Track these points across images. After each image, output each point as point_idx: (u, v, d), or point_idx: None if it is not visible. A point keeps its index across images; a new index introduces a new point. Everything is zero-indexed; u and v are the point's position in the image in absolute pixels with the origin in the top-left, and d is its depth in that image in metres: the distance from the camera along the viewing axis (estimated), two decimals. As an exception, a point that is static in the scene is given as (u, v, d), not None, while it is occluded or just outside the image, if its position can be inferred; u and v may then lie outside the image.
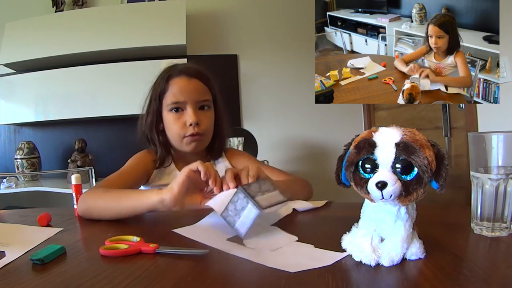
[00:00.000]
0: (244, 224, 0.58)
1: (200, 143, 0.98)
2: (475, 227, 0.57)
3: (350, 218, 0.53)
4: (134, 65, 2.43)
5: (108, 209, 0.74)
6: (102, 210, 0.75)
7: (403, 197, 0.44)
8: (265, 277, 0.44)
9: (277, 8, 2.77)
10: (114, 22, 2.45)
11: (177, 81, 0.96)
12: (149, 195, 0.69)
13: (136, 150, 1.02)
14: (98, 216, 0.75)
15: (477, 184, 0.57)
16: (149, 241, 0.54)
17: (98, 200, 0.76)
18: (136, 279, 0.44)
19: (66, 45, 2.42)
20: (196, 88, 0.96)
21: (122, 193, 0.76)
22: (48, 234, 0.65)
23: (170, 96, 0.95)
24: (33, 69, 2.51)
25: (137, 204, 0.71)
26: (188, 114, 0.94)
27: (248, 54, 2.76)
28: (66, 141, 2.61)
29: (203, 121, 0.96)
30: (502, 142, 0.54)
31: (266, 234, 0.61)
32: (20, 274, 0.46)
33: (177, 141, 0.97)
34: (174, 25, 2.41)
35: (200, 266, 0.48)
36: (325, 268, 0.45)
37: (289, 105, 2.75)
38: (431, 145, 0.45)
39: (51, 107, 2.47)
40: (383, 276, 0.43)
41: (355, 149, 0.46)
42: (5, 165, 2.64)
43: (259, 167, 0.70)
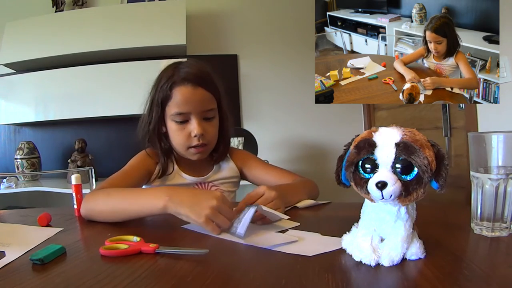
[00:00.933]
0: (243, 225, 0.58)
1: (205, 153, 0.96)
2: (475, 227, 0.57)
3: (350, 218, 0.53)
4: (134, 65, 2.43)
5: (112, 215, 0.74)
6: (107, 215, 0.74)
7: (403, 197, 0.44)
8: (265, 277, 0.44)
9: (277, 8, 2.77)
10: (114, 22, 2.45)
11: (181, 90, 0.90)
12: (152, 202, 0.69)
13: (136, 150, 1.02)
14: (102, 219, 0.75)
15: (477, 184, 0.57)
16: (149, 241, 0.54)
17: (101, 205, 0.76)
18: (136, 279, 0.44)
19: (66, 45, 2.41)
20: (201, 98, 0.91)
21: (125, 196, 0.75)
22: (48, 234, 0.65)
23: (174, 106, 0.91)
24: (33, 69, 2.51)
25: (144, 209, 0.71)
26: (192, 125, 0.91)
27: (248, 54, 2.75)
28: (66, 141, 2.61)
29: (208, 131, 0.93)
30: (502, 142, 0.54)
31: (265, 232, 0.63)
32: (20, 274, 0.46)
33: (181, 150, 0.95)
34: (174, 25, 2.41)
35: (200, 266, 0.48)
36: (325, 268, 0.45)
37: (289, 105, 2.75)
38: (431, 145, 0.45)
39: (51, 107, 2.47)
40: (383, 276, 0.43)
41: (355, 149, 0.46)
42: (5, 165, 2.64)
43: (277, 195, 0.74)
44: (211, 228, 0.62)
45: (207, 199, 0.63)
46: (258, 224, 0.67)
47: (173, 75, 0.92)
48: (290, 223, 0.67)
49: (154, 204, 0.68)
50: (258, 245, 0.55)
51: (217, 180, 1.02)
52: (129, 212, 0.72)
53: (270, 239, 0.58)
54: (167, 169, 0.97)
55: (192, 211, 0.63)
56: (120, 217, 0.73)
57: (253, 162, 1.07)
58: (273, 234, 0.61)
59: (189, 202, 0.65)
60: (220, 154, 1.02)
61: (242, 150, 1.18)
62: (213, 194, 0.65)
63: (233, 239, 0.59)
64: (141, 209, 0.71)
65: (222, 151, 1.02)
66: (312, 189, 0.96)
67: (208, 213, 0.62)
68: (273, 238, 0.59)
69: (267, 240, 0.57)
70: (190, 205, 0.64)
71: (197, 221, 0.63)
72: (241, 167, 1.06)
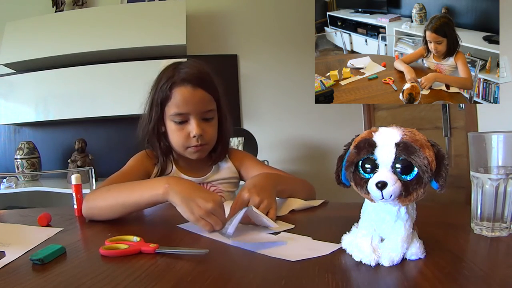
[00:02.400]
0: (233, 225, 0.59)
1: (204, 152, 0.97)
2: (475, 227, 0.57)
3: (350, 218, 0.53)
4: (134, 65, 2.43)
5: (112, 210, 0.73)
6: (107, 211, 0.74)
7: (403, 197, 0.44)
8: (265, 277, 0.44)
9: (277, 8, 2.77)
10: (114, 22, 2.45)
11: (180, 90, 0.91)
12: (152, 189, 0.69)
13: (136, 150, 1.02)
14: (103, 217, 0.75)
15: (477, 184, 0.57)
16: (149, 241, 0.54)
17: (101, 202, 0.75)
18: (136, 279, 0.44)
19: (66, 45, 2.41)
20: (200, 99, 0.92)
21: (124, 188, 0.75)
22: (48, 234, 0.65)
23: (173, 107, 0.92)
24: (33, 69, 2.51)
25: (143, 197, 0.70)
26: (191, 126, 0.92)
27: (248, 54, 2.76)
28: (66, 141, 2.61)
29: (207, 132, 0.94)
30: (502, 142, 0.54)
31: (255, 233, 0.63)
32: (20, 274, 0.46)
33: (180, 149, 0.96)
34: (174, 25, 2.41)
35: (200, 266, 0.48)
36: (325, 268, 0.45)
37: (289, 105, 2.75)
38: (431, 145, 0.45)
39: (51, 107, 2.47)
40: (383, 276, 0.43)
41: (355, 149, 0.46)
42: (5, 165, 2.64)
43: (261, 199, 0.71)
44: (203, 223, 0.62)
45: (205, 199, 0.63)
46: (250, 224, 0.66)
47: (173, 75, 0.92)
48: (284, 225, 0.66)
49: (154, 191, 0.68)
50: (243, 247, 0.54)
51: (216, 181, 1.02)
52: (128, 204, 0.72)
53: (257, 239, 0.58)
54: (166, 169, 0.98)
55: (187, 205, 0.63)
56: (120, 211, 0.73)
57: (251, 163, 1.07)
58: (262, 236, 0.61)
59: (188, 195, 0.65)
60: (218, 155, 1.02)
61: (241, 151, 1.18)
62: (212, 197, 0.64)
63: (223, 239, 0.59)
64: (140, 197, 0.70)
65: (220, 151, 1.02)
66: (309, 189, 0.97)
67: (202, 214, 0.62)
68: (260, 239, 0.59)
69: (254, 240, 0.57)
70: (188, 199, 0.64)
71: (189, 216, 0.63)
72: (239, 167, 1.06)
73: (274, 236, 0.61)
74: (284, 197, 0.86)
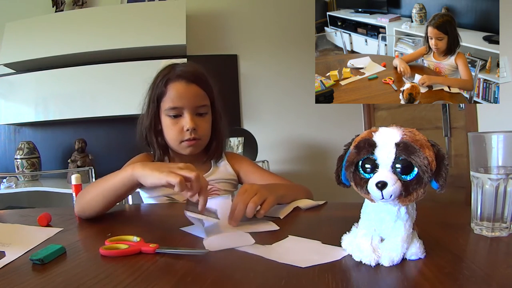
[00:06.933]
0: (217, 205, 0.62)
1: (197, 147, 0.99)
2: (475, 227, 0.57)
3: (350, 218, 0.53)
4: (134, 65, 2.43)
5: (96, 201, 0.74)
6: (92, 203, 0.74)
7: (403, 197, 0.44)
8: (265, 277, 0.44)
9: (277, 8, 2.77)
10: (114, 22, 2.45)
11: (175, 85, 0.95)
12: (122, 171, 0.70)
13: (136, 150, 1.03)
14: (92, 210, 0.75)
15: (477, 184, 0.57)
16: (149, 241, 0.54)
17: (87, 196, 0.76)
18: (136, 279, 0.44)
19: (66, 45, 2.42)
20: (194, 94, 0.96)
21: (103, 180, 0.76)
22: (48, 234, 0.65)
23: (168, 101, 0.96)
24: (33, 69, 2.51)
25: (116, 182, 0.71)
26: (185, 120, 0.95)
27: (248, 54, 2.76)
28: (66, 141, 2.61)
29: (200, 126, 0.97)
30: (502, 142, 0.54)
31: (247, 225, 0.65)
32: (20, 274, 0.46)
33: (175, 144, 0.99)
34: (174, 25, 2.41)
35: (200, 266, 0.48)
36: (325, 268, 0.45)
37: (289, 105, 2.75)
38: (431, 145, 0.45)
39: (51, 107, 2.47)
40: (383, 276, 0.43)
41: (355, 149, 0.46)
42: (5, 165, 2.64)
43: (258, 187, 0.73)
44: (173, 176, 0.60)
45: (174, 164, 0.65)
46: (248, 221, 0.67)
47: (169, 73, 0.97)
48: (269, 225, 0.66)
49: (124, 172, 0.69)
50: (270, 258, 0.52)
51: (214, 180, 1.02)
52: (107, 191, 0.72)
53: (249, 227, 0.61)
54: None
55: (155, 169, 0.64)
56: (102, 200, 0.73)
57: (250, 167, 1.08)
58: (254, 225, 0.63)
59: (155, 165, 0.66)
60: (213, 151, 1.04)
61: (239, 154, 1.20)
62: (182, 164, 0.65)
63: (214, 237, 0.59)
64: (113, 183, 0.71)
65: (215, 148, 1.04)
66: (309, 194, 0.96)
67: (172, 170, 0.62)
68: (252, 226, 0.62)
69: (246, 228, 0.60)
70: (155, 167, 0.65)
71: (159, 175, 0.62)
72: (238, 170, 1.07)
73: (267, 223, 0.64)
74: (286, 202, 0.85)
